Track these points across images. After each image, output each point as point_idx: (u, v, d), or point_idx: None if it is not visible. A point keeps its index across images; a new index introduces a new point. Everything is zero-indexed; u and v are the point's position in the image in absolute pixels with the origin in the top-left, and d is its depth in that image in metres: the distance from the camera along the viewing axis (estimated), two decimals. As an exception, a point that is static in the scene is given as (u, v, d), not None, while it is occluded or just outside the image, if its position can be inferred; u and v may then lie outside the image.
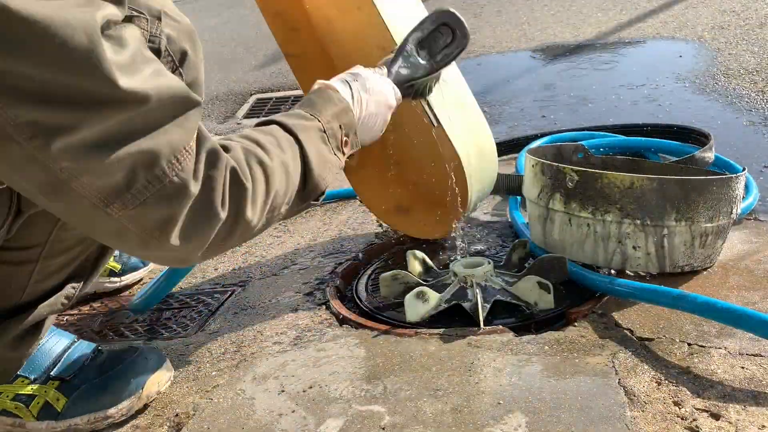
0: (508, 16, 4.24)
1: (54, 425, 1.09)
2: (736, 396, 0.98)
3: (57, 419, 1.09)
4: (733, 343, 1.09)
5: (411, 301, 1.28)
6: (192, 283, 1.62)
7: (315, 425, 1.03)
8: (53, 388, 1.10)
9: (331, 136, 1.07)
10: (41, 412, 1.08)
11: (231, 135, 1.00)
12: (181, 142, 0.81)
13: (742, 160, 1.79)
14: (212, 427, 1.07)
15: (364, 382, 1.12)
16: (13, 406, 1.08)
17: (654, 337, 1.14)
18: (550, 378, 1.07)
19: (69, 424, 1.09)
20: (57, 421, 1.09)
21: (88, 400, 1.10)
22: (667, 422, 0.94)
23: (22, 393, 1.09)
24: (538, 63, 3.25)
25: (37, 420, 1.08)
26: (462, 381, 1.09)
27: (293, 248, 1.72)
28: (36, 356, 1.11)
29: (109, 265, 1.54)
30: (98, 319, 1.49)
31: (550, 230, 1.37)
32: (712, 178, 1.27)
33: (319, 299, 1.44)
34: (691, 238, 1.27)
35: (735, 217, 1.31)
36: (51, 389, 1.10)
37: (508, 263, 1.44)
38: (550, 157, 1.55)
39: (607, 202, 1.26)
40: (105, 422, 1.10)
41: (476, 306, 1.25)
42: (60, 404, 1.09)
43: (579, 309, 1.25)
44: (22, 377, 1.10)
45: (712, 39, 3.08)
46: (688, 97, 2.46)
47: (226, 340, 1.33)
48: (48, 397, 1.09)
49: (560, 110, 2.55)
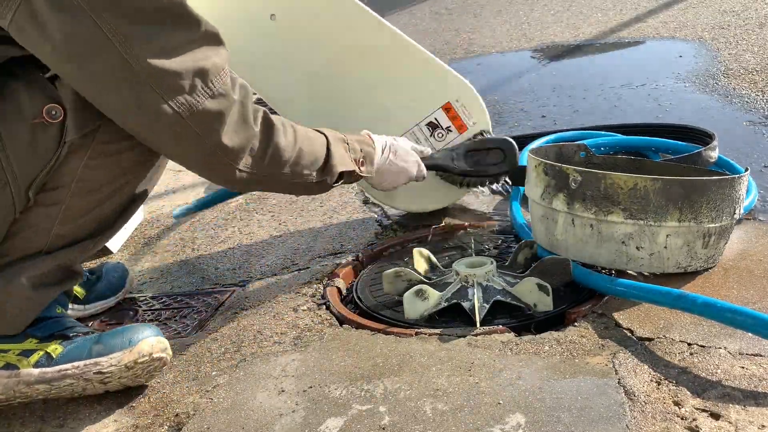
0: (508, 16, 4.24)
1: (45, 371, 1.12)
2: (736, 396, 0.98)
3: (50, 365, 1.12)
4: (733, 343, 1.09)
5: (410, 299, 1.28)
6: (192, 283, 1.62)
7: (315, 425, 1.03)
8: (55, 343, 1.14)
9: (352, 149, 1.38)
10: (39, 361, 1.13)
11: None
12: (221, 64, 1.08)
13: (741, 159, 1.79)
14: (212, 427, 1.07)
15: (364, 382, 1.12)
16: (16, 359, 1.12)
17: (654, 337, 1.14)
18: (549, 378, 1.07)
19: (59, 368, 1.12)
20: (49, 367, 1.12)
21: (82, 350, 1.14)
22: (667, 422, 0.94)
23: (27, 348, 1.13)
24: (538, 63, 3.25)
25: (33, 367, 1.12)
26: (462, 381, 1.09)
27: (293, 248, 1.72)
28: (49, 322, 1.16)
29: (74, 290, 1.48)
30: (98, 318, 1.49)
31: (552, 230, 1.37)
32: (715, 178, 1.27)
33: (319, 299, 1.44)
34: (694, 238, 1.27)
35: (738, 217, 1.31)
36: (53, 344, 1.14)
37: (513, 264, 1.44)
38: (552, 156, 1.55)
39: (610, 203, 1.26)
40: (93, 369, 1.13)
41: (475, 305, 1.25)
42: (57, 353, 1.13)
43: (579, 309, 1.25)
44: (32, 337, 1.14)
45: (712, 39, 3.08)
46: (688, 97, 2.46)
47: (226, 340, 1.33)
48: (48, 349, 1.13)
49: (560, 110, 2.55)
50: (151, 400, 1.17)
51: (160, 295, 1.58)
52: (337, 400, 1.08)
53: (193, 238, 1.89)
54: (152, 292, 1.60)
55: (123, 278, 1.56)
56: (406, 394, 1.07)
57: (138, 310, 1.52)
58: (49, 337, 1.15)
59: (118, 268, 1.57)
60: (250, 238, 1.82)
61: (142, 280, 1.67)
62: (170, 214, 2.08)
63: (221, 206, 2.09)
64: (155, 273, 1.70)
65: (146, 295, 1.59)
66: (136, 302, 1.56)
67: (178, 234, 1.93)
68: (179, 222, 2.02)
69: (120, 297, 1.55)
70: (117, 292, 1.54)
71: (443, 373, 1.11)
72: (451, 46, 3.83)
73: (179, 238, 1.90)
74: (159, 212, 2.12)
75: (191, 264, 1.73)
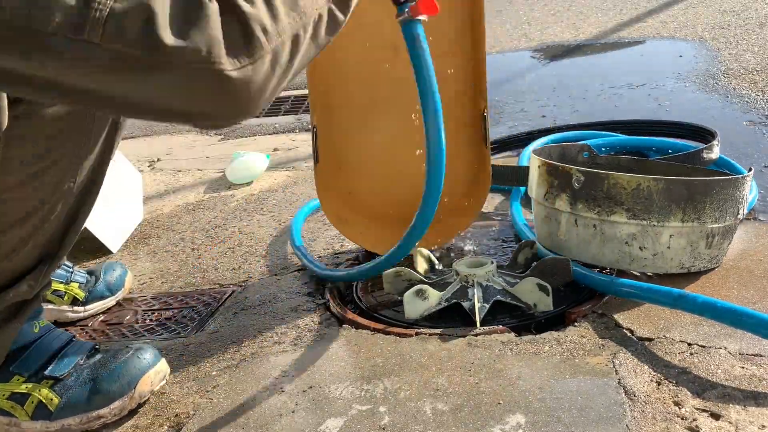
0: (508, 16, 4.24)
1: (48, 425, 1.09)
2: (736, 396, 0.98)
3: (50, 419, 1.09)
4: (733, 343, 1.09)
5: (410, 299, 1.28)
6: (192, 283, 1.62)
7: (315, 425, 1.03)
8: (47, 387, 1.10)
9: None
10: (36, 411, 1.09)
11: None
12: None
13: (742, 159, 1.79)
14: (212, 427, 1.07)
15: (364, 382, 1.12)
16: (9, 405, 1.09)
17: (654, 337, 1.14)
18: (550, 378, 1.06)
19: (62, 424, 1.09)
20: (51, 421, 1.09)
21: (80, 400, 1.10)
22: (667, 422, 0.94)
23: (17, 392, 1.09)
24: (538, 63, 3.25)
25: (32, 419, 1.09)
26: (462, 381, 1.09)
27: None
28: (31, 353, 1.11)
29: (72, 293, 1.47)
30: (98, 318, 1.49)
31: (556, 231, 1.37)
32: (719, 179, 1.27)
33: (319, 299, 1.44)
34: (697, 238, 1.27)
35: (741, 217, 1.31)
36: (44, 388, 1.10)
37: (514, 264, 1.44)
38: (555, 157, 1.55)
39: (613, 203, 1.26)
40: (98, 422, 1.10)
41: (474, 305, 1.25)
42: (53, 404, 1.09)
43: (579, 309, 1.25)
44: (18, 375, 1.10)
45: (712, 39, 3.08)
46: (689, 97, 2.46)
47: (226, 340, 1.33)
48: (41, 396, 1.09)
49: (560, 110, 2.55)
50: (151, 400, 1.16)
51: (160, 295, 1.58)
52: (337, 400, 1.08)
53: (193, 238, 1.89)
54: (152, 292, 1.60)
55: (122, 277, 1.56)
56: (406, 394, 1.07)
57: (138, 310, 1.52)
58: (37, 374, 1.10)
59: (116, 267, 1.57)
60: (250, 238, 1.82)
61: (142, 280, 1.67)
62: (170, 214, 2.08)
63: (221, 206, 2.09)
64: (155, 273, 1.70)
65: (146, 295, 1.59)
66: (136, 302, 1.56)
67: (178, 234, 1.93)
68: (179, 222, 2.02)
69: (119, 296, 1.55)
70: (116, 292, 1.54)
71: (443, 373, 1.11)
72: (451, 46, 3.82)
73: (179, 238, 1.90)
74: (159, 212, 2.12)
75: (191, 264, 1.73)
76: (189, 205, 2.14)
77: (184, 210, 2.12)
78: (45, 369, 1.11)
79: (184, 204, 2.16)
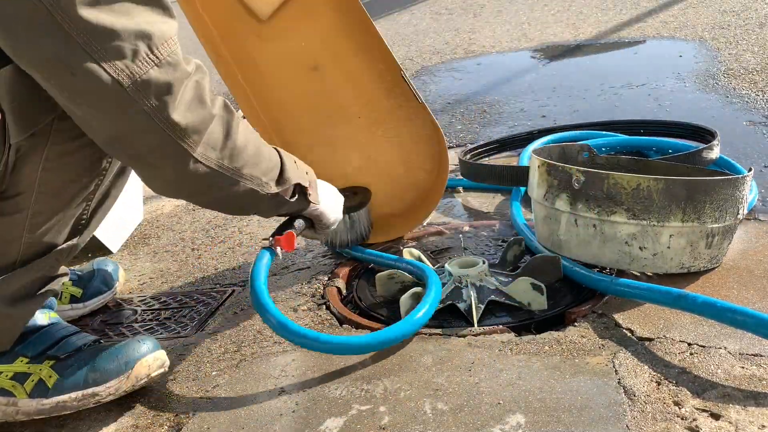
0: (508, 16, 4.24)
1: (43, 402, 1.10)
2: (736, 396, 0.98)
3: (46, 396, 1.10)
4: (733, 343, 1.09)
5: (406, 303, 1.29)
6: (192, 283, 1.62)
7: (315, 425, 1.03)
8: (48, 366, 1.11)
9: (299, 167, 1.21)
10: (34, 389, 1.10)
11: None
12: (169, 32, 0.92)
13: (742, 159, 1.79)
14: (212, 427, 1.07)
15: (364, 382, 1.12)
16: (10, 384, 1.10)
17: (654, 337, 1.14)
18: (550, 378, 1.06)
19: (57, 401, 1.10)
20: (46, 398, 1.10)
21: (76, 378, 1.11)
22: (667, 422, 0.94)
23: (19, 371, 1.10)
24: (538, 63, 3.25)
25: (29, 397, 1.10)
26: (462, 381, 1.09)
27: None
28: (39, 337, 1.13)
29: (69, 291, 1.48)
30: (98, 318, 1.49)
31: (555, 231, 1.37)
32: (719, 179, 1.27)
33: (319, 299, 1.44)
34: (697, 238, 1.27)
35: (741, 217, 1.31)
36: (45, 367, 1.11)
37: (503, 262, 1.44)
38: (555, 157, 1.55)
39: (613, 203, 1.26)
40: (92, 400, 1.11)
41: (470, 306, 1.26)
42: (51, 381, 1.10)
43: (579, 309, 1.25)
44: (22, 356, 1.11)
45: (712, 39, 3.08)
46: (689, 97, 2.46)
47: (226, 340, 1.33)
48: (42, 375, 1.10)
49: (560, 110, 2.55)
50: (151, 400, 1.17)
51: (160, 295, 1.58)
52: (337, 400, 1.08)
53: (193, 238, 1.89)
54: (152, 292, 1.60)
55: (115, 271, 1.58)
56: (406, 394, 1.07)
57: (138, 310, 1.52)
58: (41, 355, 1.12)
59: (107, 262, 1.58)
60: (250, 238, 1.82)
61: (142, 280, 1.67)
62: (170, 214, 2.08)
63: (221, 206, 2.08)
64: (155, 273, 1.70)
65: (146, 295, 1.59)
66: (135, 302, 1.56)
67: (178, 234, 1.93)
68: (179, 222, 2.02)
69: (115, 289, 1.56)
70: (112, 286, 1.55)
71: (443, 373, 1.11)
72: (451, 46, 3.83)
73: (179, 238, 1.90)
74: (159, 212, 2.12)
75: (191, 264, 1.73)
76: (189, 205, 2.14)
77: (184, 210, 2.12)
78: (49, 351, 1.13)
79: (184, 204, 2.16)
